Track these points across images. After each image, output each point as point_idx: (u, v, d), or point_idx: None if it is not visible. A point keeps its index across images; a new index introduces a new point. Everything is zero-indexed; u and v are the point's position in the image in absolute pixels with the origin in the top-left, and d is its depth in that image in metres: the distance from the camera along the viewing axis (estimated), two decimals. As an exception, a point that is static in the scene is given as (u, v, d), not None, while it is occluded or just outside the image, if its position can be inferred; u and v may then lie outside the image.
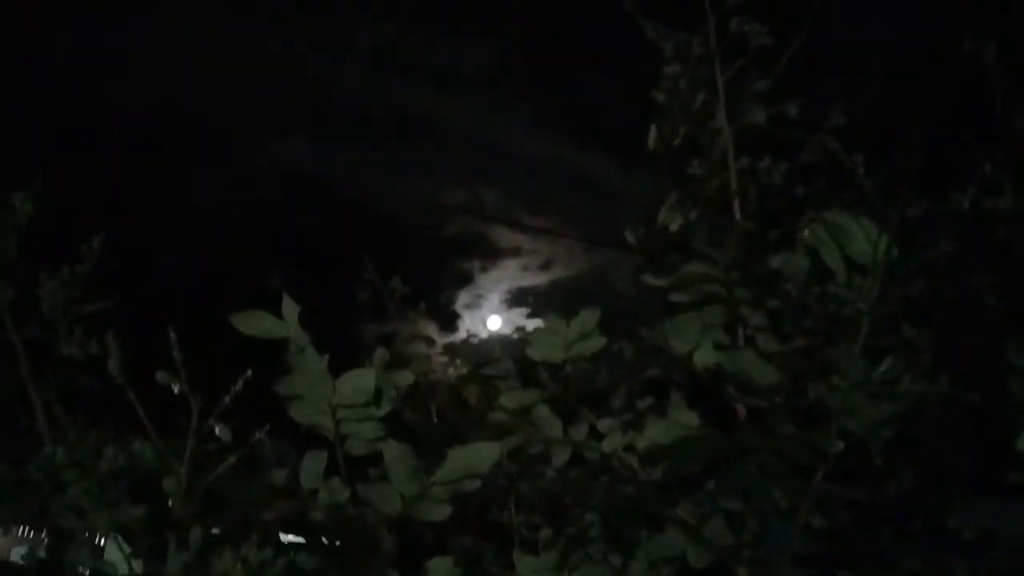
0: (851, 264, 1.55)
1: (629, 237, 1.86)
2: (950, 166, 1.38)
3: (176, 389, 1.11)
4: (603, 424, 1.76)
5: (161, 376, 1.11)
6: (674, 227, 1.69)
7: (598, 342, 1.82)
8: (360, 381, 1.76)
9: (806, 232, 1.56)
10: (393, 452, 1.74)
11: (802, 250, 1.59)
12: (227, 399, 1.13)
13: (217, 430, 1.23)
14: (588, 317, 1.82)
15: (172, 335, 1.09)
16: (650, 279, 1.62)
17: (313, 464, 1.79)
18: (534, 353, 1.80)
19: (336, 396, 1.76)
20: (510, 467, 1.95)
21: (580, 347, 1.81)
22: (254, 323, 1.86)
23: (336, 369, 1.80)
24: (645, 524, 1.78)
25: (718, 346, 1.64)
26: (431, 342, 2.81)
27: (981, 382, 1.33)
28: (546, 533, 1.91)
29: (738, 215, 1.67)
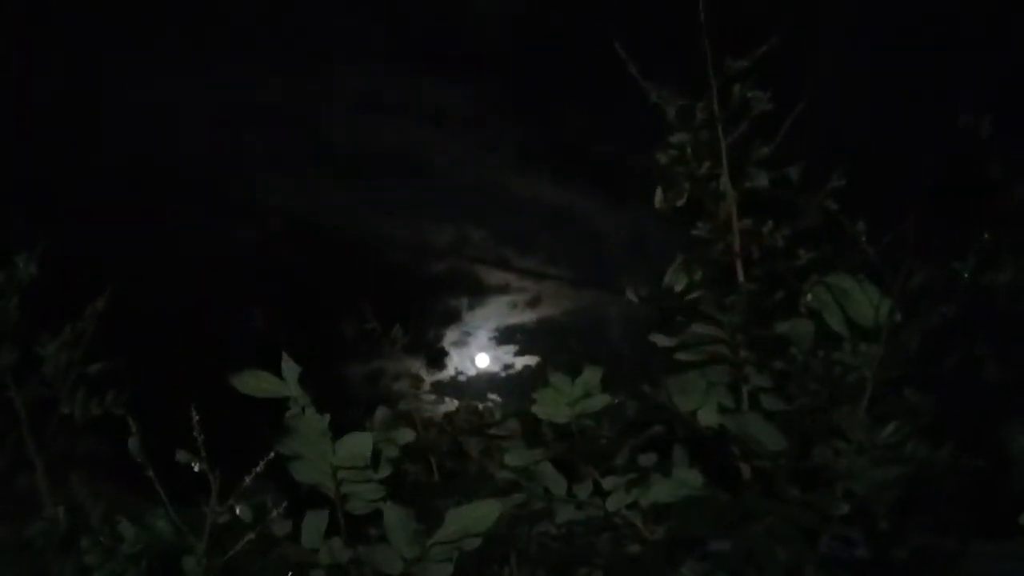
0: (854, 327, 1.58)
1: (631, 295, 1.88)
2: (951, 235, 1.41)
3: (196, 468, 1.11)
4: (607, 482, 1.76)
5: (182, 456, 1.11)
6: (679, 288, 1.71)
7: (602, 400, 1.83)
8: (359, 444, 1.77)
9: (809, 295, 1.59)
10: (393, 516, 1.74)
11: (806, 313, 1.61)
12: (247, 480, 1.13)
13: (238, 510, 1.23)
14: (591, 376, 1.84)
15: (194, 416, 1.09)
16: (659, 339, 1.64)
17: (314, 524, 1.78)
18: (539, 411, 1.81)
19: (336, 458, 1.76)
20: (513, 524, 1.95)
21: (584, 405, 1.82)
22: (255, 383, 1.87)
23: (323, 408, 1.81)
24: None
25: (723, 408, 1.66)
26: (419, 380, 2.82)
27: (983, 445, 1.35)
28: (549, 591, 1.90)
29: (742, 277, 1.69)
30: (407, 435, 1.89)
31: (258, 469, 1.14)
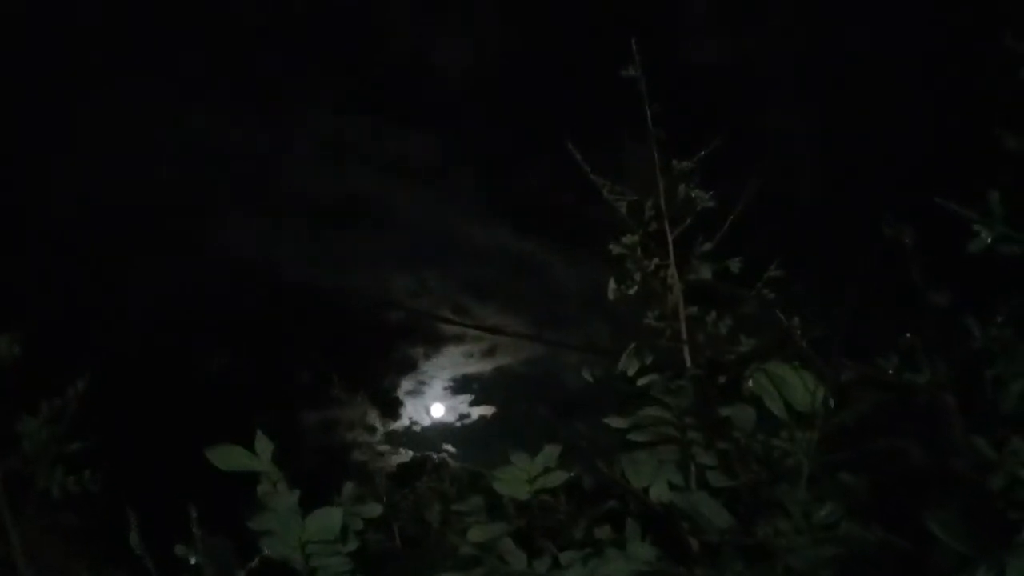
0: (792, 411, 1.71)
1: (586, 376, 2.00)
2: (876, 332, 1.56)
3: (193, 561, 1.18)
4: (565, 557, 1.85)
5: (180, 550, 1.18)
6: (631, 372, 1.83)
7: (559, 476, 1.93)
8: (328, 520, 1.85)
9: (751, 381, 1.72)
10: (361, 590, 1.81)
11: (748, 397, 1.74)
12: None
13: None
14: (550, 453, 1.95)
15: (193, 513, 1.17)
16: (612, 422, 1.75)
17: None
18: (500, 488, 1.90)
19: (306, 533, 1.83)
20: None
21: (543, 481, 1.92)
22: (229, 458, 1.94)
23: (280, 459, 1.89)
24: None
25: (672, 486, 1.77)
26: (372, 430, 2.88)
27: (908, 528, 1.48)
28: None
29: (689, 363, 1.82)
30: (374, 509, 1.97)
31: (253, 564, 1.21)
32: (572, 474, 2.00)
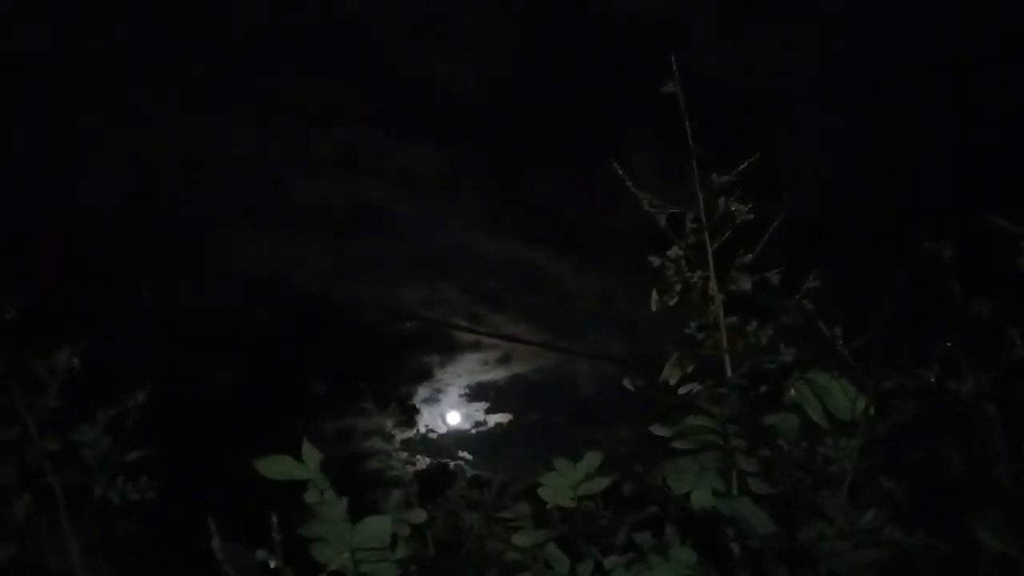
0: (833, 420, 1.75)
1: (627, 385, 2.04)
2: (918, 342, 1.60)
3: (272, 565, 1.22)
4: (609, 561, 1.90)
5: (261, 554, 1.23)
6: (673, 382, 1.88)
7: (601, 483, 1.98)
8: (377, 528, 1.89)
9: (792, 391, 1.76)
10: (413, 597, 1.86)
11: (790, 406, 1.79)
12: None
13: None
14: (592, 459, 1.99)
15: (274, 520, 1.22)
16: (658, 430, 1.80)
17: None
18: (545, 495, 1.95)
19: (355, 540, 1.88)
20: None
21: (585, 487, 1.97)
22: (276, 467, 1.99)
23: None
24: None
25: (715, 493, 1.81)
26: (389, 438, 2.92)
27: (950, 533, 1.52)
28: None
29: (729, 372, 1.87)
30: (419, 516, 2.01)
31: None
32: (613, 479, 2.05)
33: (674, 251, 1.85)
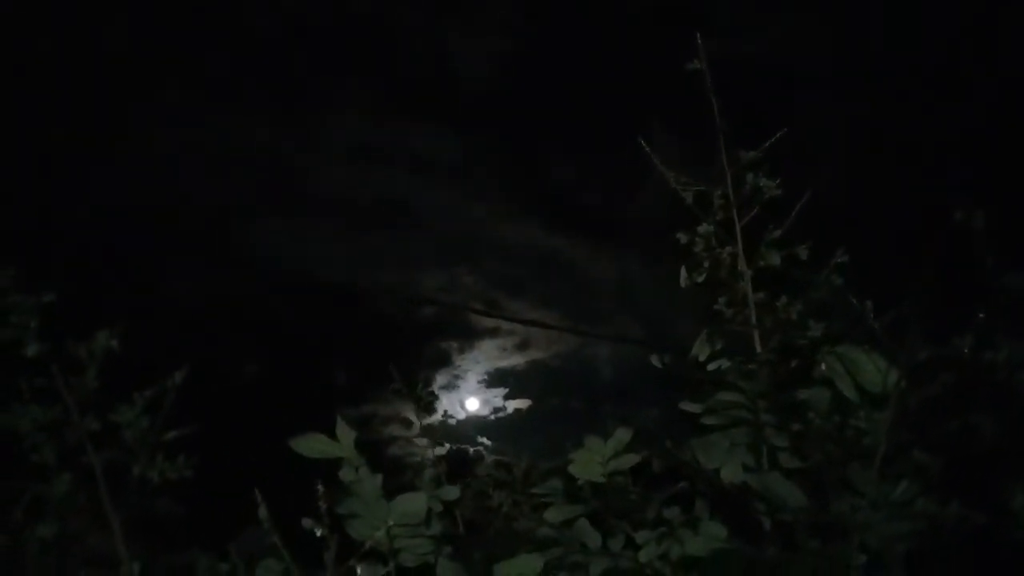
0: (864, 394, 1.76)
1: (655, 362, 2.05)
2: (951, 313, 1.60)
3: (319, 533, 1.25)
4: (640, 536, 1.91)
5: (306, 522, 1.26)
6: (703, 358, 1.89)
7: (631, 458, 2.00)
8: (413, 504, 1.92)
9: (823, 365, 1.77)
10: (447, 569, 1.89)
11: (820, 380, 1.79)
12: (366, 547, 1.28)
13: (359, 570, 1.37)
14: (622, 436, 2.01)
15: (320, 488, 1.24)
16: (688, 406, 1.81)
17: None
18: (576, 471, 1.97)
19: (391, 516, 1.90)
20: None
21: (616, 463, 1.99)
22: (311, 445, 2.02)
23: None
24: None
25: (746, 467, 1.82)
26: (409, 424, 2.95)
27: (986, 504, 1.52)
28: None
29: (759, 348, 1.87)
30: (452, 492, 2.04)
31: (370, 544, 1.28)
32: (643, 456, 2.06)
33: (704, 227, 1.86)
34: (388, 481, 2.01)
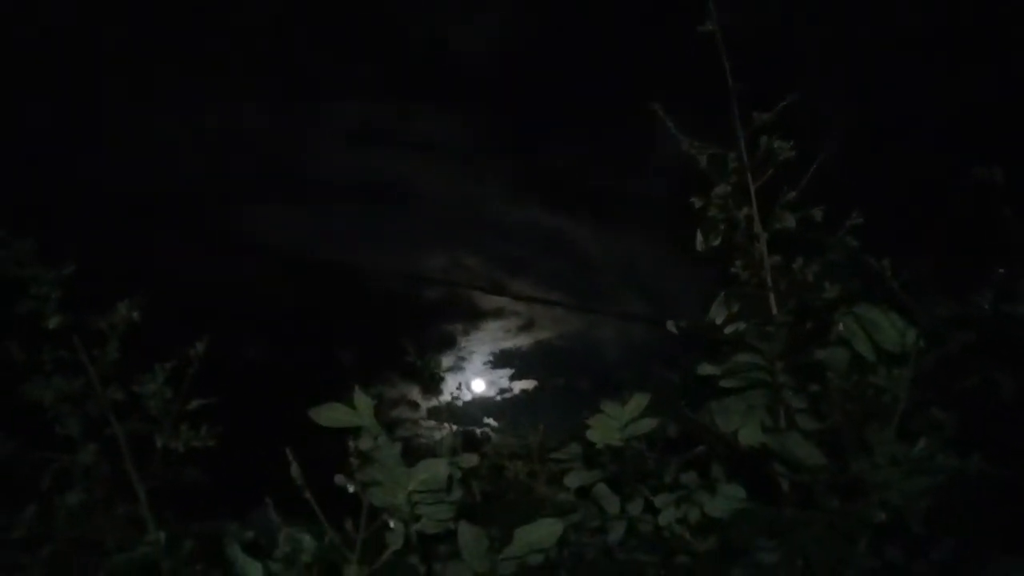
0: (881, 353, 1.77)
1: (671, 327, 2.06)
2: (970, 270, 1.61)
3: (351, 489, 1.27)
4: (659, 500, 1.93)
5: (339, 479, 1.27)
6: (720, 321, 1.90)
7: (649, 423, 2.01)
8: (435, 471, 1.93)
9: (840, 325, 1.78)
10: (467, 534, 1.90)
11: (836, 341, 1.80)
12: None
13: (391, 523, 1.39)
14: (638, 401, 2.02)
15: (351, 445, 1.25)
16: (705, 368, 1.82)
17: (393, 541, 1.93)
18: (593, 436, 1.98)
19: (412, 483, 1.92)
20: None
21: (633, 428, 2.00)
22: (330, 415, 2.03)
23: (326, 434, 1.97)
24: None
25: (765, 428, 1.84)
26: (415, 406, 2.96)
27: (1007, 459, 1.54)
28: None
29: (775, 310, 1.88)
30: (472, 460, 2.05)
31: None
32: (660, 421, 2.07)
33: (721, 188, 1.86)
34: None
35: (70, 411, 1.80)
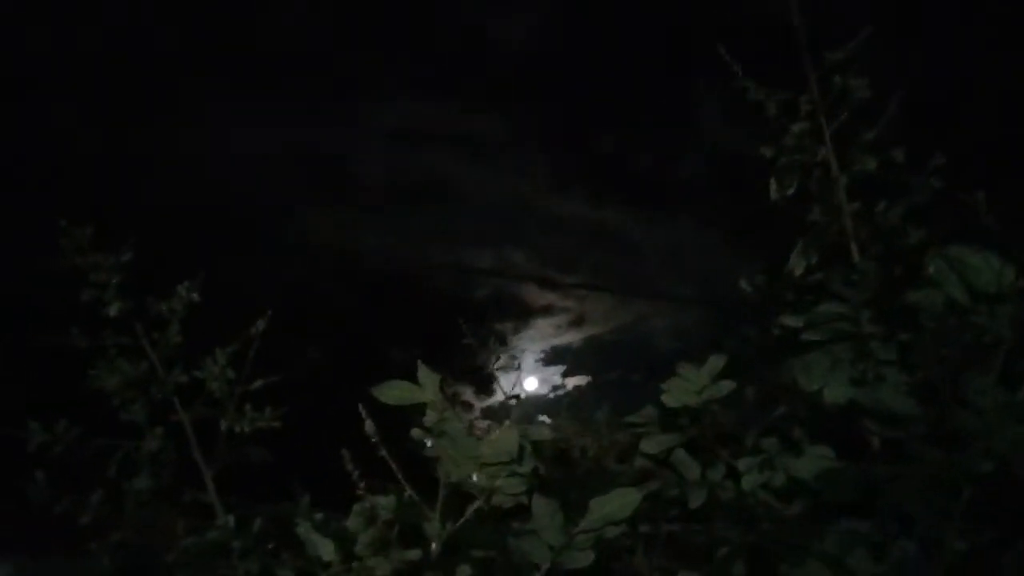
0: (975, 295, 1.65)
1: (745, 286, 1.97)
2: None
3: (429, 444, 1.22)
4: (743, 464, 1.84)
5: (416, 433, 1.22)
6: (799, 272, 1.80)
7: (728, 385, 1.91)
8: (506, 442, 1.86)
9: (931, 268, 1.67)
10: (541, 507, 1.83)
11: (925, 285, 1.69)
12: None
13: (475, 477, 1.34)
14: (716, 362, 1.93)
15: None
16: (786, 320, 1.73)
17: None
18: (669, 400, 1.89)
19: (484, 455, 1.85)
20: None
21: (711, 391, 1.91)
22: (394, 392, 1.98)
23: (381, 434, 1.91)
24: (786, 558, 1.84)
25: (854, 382, 1.73)
26: (469, 406, 2.91)
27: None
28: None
29: (856, 257, 1.78)
30: (543, 432, 1.98)
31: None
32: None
33: (799, 126, 1.75)
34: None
35: (134, 397, 1.78)
